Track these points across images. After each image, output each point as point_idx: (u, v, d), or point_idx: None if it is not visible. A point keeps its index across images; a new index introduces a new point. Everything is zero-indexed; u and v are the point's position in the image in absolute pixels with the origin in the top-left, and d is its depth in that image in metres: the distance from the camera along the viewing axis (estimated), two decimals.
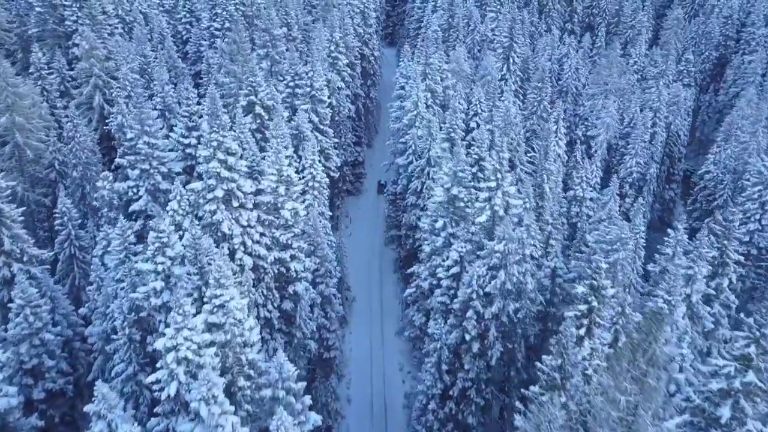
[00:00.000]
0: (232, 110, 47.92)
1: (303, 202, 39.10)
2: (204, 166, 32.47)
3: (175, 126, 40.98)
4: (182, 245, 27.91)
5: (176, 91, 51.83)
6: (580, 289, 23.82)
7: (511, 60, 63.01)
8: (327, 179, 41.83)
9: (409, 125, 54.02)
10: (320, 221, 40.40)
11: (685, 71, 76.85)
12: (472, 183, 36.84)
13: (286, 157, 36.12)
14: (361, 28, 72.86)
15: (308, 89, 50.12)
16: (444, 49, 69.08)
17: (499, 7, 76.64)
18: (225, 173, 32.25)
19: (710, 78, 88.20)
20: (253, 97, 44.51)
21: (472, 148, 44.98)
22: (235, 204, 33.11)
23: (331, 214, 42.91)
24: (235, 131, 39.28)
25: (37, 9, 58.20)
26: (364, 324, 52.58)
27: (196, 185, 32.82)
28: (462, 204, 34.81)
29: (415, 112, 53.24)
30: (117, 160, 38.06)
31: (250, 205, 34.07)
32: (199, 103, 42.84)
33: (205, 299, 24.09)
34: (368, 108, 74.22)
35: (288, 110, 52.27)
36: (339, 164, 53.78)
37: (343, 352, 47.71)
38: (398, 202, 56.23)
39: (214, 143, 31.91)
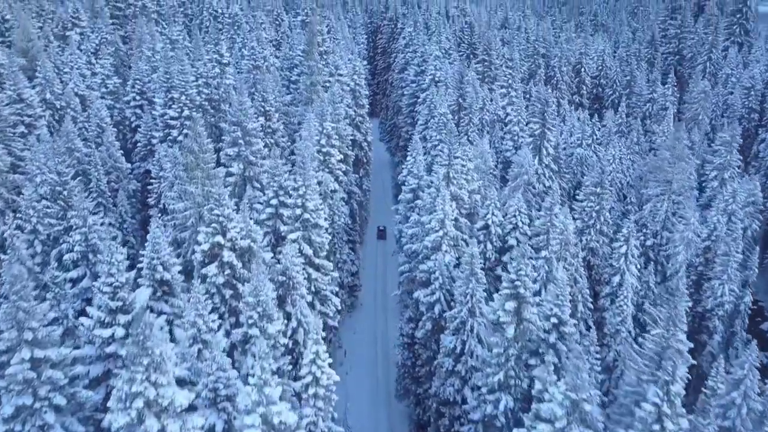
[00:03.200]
0: (188, 250, 31.64)
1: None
2: None
3: (96, 301, 24.37)
4: None
5: (116, 212, 35.78)
6: None
7: (543, 151, 48.76)
8: (334, 376, 25.46)
9: (433, 248, 38.54)
10: None
11: (723, 150, 64.20)
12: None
13: (274, 363, 19.81)
14: (352, 109, 58.10)
15: (299, 210, 34.24)
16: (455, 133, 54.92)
17: (509, 81, 63.16)
18: None
19: None
20: (219, 238, 28.34)
21: (543, 305, 29.65)
22: None
23: (342, 430, 26.42)
24: (189, 311, 23.02)
25: None
26: None
27: None
28: None
29: (441, 233, 37.88)
30: None
31: None
32: (133, 264, 26.59)
33: None
34: (362, 204, 58.79)
35: (269, 235, 36.30)
36: (339, 306, 37.65)
37: None
38: (417, 348, 40.10)
39: (139, 403, 15.47)
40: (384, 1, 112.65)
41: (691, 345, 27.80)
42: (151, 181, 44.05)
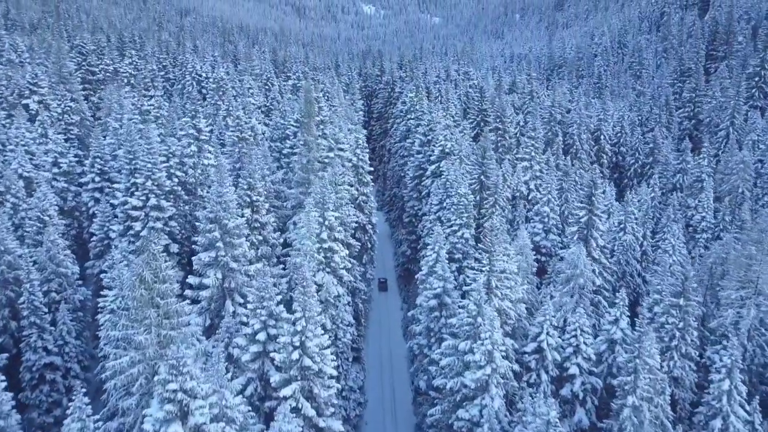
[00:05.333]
0: (133, 427, 20.87)
1: None
2: None
3: None
4: None
5: (55, 333, 25.33)
6: None
7: (592, 243, 39.20)
8: None
9: (478, 388, 28.12)
10: None
11: None
12: None
13: None
14: (355, 187, 48.68)
15: (296, 354, 23.79)
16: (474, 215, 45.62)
17: (531, 153, 54.51)
18: None
19: None
20: (177, 428, 17.72)
21: None
22: None
23: None
24: None
25: None
26: None
27: None
28: None
29: (488, 369, 27.53)
30: None
31: None
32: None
33: None
34: (367, 301, 48.50)
35: (254, 383, 25.68)
36: None
37: None
38: None
39: None
40: (379, 64, 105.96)
41: None
42: (103, 291, 33.46)
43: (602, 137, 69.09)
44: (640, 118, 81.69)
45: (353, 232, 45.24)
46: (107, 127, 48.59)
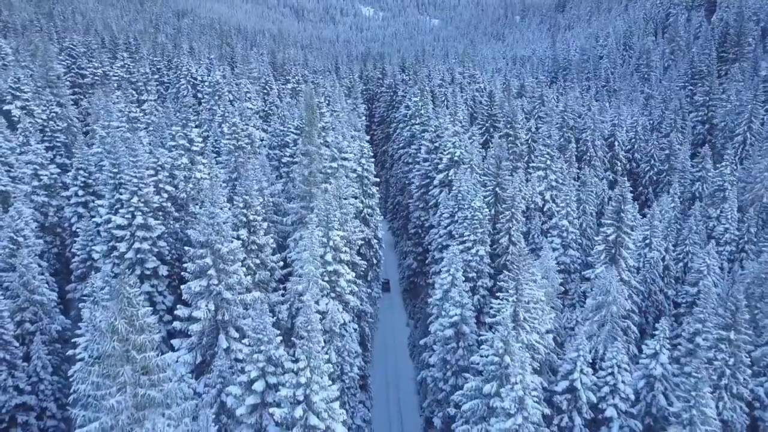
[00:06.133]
0: None
1: None
2: None
3: None
4: None
5: (28, 369, 21.67)
6: None
7: (622, 263, 35.50)
8: None
9: None
10: None
11: None
12: None
13: None
14: (359, 199, 44.96)
15: (300, 411, 20.03)
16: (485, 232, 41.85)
17: (548, 162, 50.83)
18: None
19: None
20: None
21: None
22: None
23: None
24: None
25: None
26: None
27: None
28: None
29: (519, 419, 23.80)
30: None
31: None
32: None
33: None
34: (371, 323, 44.77)
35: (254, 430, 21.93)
36: None
37: None
38: None
39: None
40: (380, 66, 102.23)
41: None
42: (82, 322, 29.67)
43: (616, 143, 65.48)
44: (651, 122, 78.20)
45: (358, 248, 41.61)
46: (94, 135, 44.81)
